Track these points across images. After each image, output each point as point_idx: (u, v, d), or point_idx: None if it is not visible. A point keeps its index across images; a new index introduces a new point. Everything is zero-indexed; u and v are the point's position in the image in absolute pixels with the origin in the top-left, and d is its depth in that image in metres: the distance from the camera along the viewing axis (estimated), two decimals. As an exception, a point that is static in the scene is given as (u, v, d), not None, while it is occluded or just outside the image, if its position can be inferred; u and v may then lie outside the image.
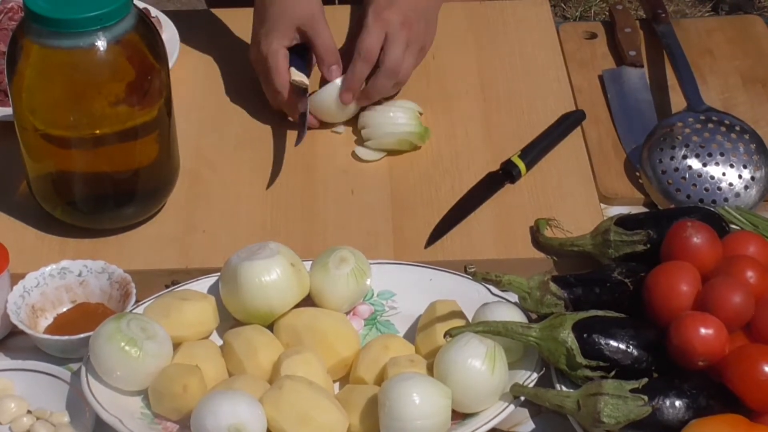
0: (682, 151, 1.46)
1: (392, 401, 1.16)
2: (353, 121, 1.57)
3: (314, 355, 1.24)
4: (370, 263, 1.33)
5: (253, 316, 1.28)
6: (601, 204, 1.47)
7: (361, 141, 1.54)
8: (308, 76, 1.55)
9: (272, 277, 1.27)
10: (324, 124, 1.57)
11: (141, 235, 1.43)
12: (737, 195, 1.44)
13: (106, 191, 1.41)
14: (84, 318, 1.32)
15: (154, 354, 1.22)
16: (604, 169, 1.51)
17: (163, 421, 1.22)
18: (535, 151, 1.52)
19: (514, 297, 1.29)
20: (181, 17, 1.73)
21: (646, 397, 1.16)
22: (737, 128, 1.48)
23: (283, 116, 1.58)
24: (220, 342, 1.29)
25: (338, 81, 1.53)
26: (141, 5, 1.60)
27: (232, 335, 1.27)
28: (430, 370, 1.23)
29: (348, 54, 1.54)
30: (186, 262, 1.39)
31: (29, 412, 1.25)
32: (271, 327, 1.29)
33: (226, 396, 1.16)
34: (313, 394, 1.18)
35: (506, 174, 1.49)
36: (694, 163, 1.45)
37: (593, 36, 1.73)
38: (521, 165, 1.49)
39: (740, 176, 1.45)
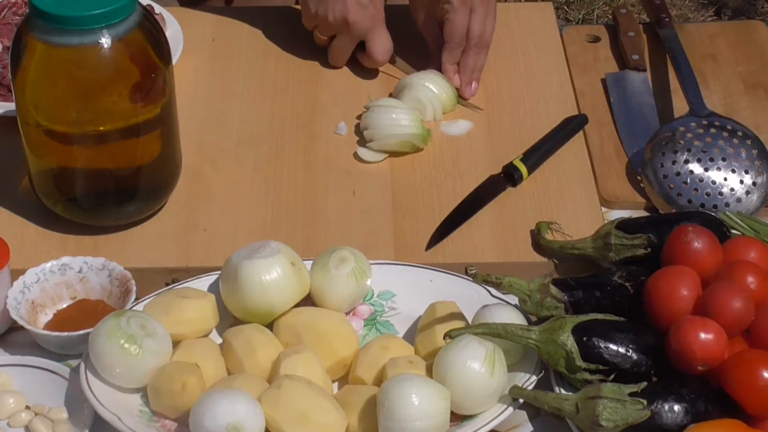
0: (684, 156, 1.46)
1: (391, 402, 1.16)
2: (355, 122, 1.57)
3: (313, 355, 1.24)
4: (371, 263, 1.33)
5: (252, 314, 1.28)
6: (603, 207, 1.47)
7: (363, 142, 1.54)
8: None
9: (272, 276, 1.27)
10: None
11: (142, 232, 1.42)
12: (738, 200, 1.44)
13: (107, 188, 1.41)
14: (84, 314, 1.32)
15: (154, 351, 1.22)
16: (606, 172, 1.51)
17: (162, 419, 1.22)
18: (537, 154, 1.51)
19: (514, 299, 1.29)
20: (185, 14, 1.72)
21: (644, 401, 1.16)
22: (739, 133, 1.48)
23: (285, 115, 1.58)
24: (219, 340, 1.29)
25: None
26: (144, 1, 1.60)
27: (232, 334, 1.27)
28: (430, 371, 1.23)
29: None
30: (186, 261, 1.38)
31: (28, 407, 1.25)
32: (270, 326, 1.29)
33: (225, 394, 1.16)
34: (312, 394, 1.18)
35: (508, 177, 1.49)
36: (696, 168, 1.45)
37: (596, 39, 1.73)
38: (523, 169, 1.49)
39: (742, 181, 1.45)
